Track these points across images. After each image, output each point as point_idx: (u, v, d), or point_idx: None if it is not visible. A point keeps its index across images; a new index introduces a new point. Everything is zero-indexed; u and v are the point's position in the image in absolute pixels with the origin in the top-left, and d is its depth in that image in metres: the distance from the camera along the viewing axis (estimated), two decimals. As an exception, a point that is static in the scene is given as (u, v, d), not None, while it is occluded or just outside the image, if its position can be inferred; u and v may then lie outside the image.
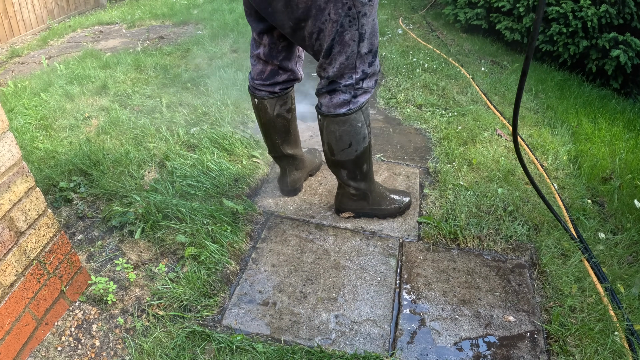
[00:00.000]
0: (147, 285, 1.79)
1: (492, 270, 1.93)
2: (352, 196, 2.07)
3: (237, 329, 1.64)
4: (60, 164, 2.42)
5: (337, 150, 1.85)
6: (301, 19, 1.54)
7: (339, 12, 1.49)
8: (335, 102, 1.71)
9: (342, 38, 1.55)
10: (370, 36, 1.61)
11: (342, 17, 1.50)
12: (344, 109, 1.72)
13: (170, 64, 3.96)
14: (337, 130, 1.77)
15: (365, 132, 1.82)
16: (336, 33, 1.53)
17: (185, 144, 2.68)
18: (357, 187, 2.01)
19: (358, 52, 1.60)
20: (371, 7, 1.54)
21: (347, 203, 2.12)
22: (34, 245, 1.46)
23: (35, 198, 1.45)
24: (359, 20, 1.53)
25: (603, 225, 2.22)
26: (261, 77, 1.88)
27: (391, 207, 2.14)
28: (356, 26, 1.53)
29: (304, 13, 1.51)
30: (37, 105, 3.17)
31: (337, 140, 1.81)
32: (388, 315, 1.71)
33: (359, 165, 1.92)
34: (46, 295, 1.55)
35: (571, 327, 1.63)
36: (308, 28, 1.57)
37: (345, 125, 1.75)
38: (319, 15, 1.51)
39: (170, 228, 2.02)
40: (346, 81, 1.66)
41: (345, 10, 1.49)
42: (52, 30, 5.79)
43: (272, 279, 1.86)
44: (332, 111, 1.73)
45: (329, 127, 1.78)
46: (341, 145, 1.82)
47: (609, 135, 3.07)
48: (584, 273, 1.89)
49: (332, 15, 1.49)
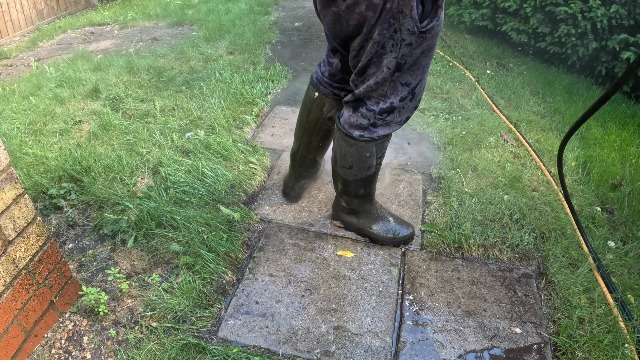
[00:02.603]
0: (140, 295, 1.81)
1: (497, 280, 1.95)
2: (343, 208, 2.09)
3: (234, 341, 1.65)
4: (50, 170, 2.44)
5: (339, 164, 1.86)
6: (350, 36, 1.51)
7: (383, 33, 1.44)
8: (352, 122, 1.69)
9: (380, 61, 1.50)
10: (411, 70, 1.54)
11: (386, 39, 1.45)
12: (357, 133, 1.69)
13: (164, 66, 3.99)
14: (343, 147, 1.76)
15: (373, 163, 1.79)
16: (375, 54, 1.49)
17: (180, 150, 2.70)
18: (348, 202, 2.02)
19: (392, 81, 1.55)
20: (421, 40, 1.47)
21: (339, 213, 2.15)
22: (23, 255, 1.48)
23: (24, 205, 1.47)
24: (400, 49, 1.47)
25: (613, 234, 2.24)
26: (332, 79, 1.87)
27: (383, 234, 2.06)
28: (395, 53, 1.47)
29: (355, 30, 1.48)
30: (26, 109, 3.19)
31: (342, 156, 1.81)
32: (390, 327, 1.72)
33: (354, 187, 1.93)
34: (35, 306, 1.56)
35: (580, 339, 1.64)
36: (355, 44, 1.53)
37: (352, 148, 1.73)
38: (368, 32, 1.47)
39: (164, 236, 2.03)
40: (371, 105, 1.63)
41: (391, 32, 1.43)
42: (41, 31, 5.83)
43: (269, 289, 1.87)
44: (345, 128, 1.71)
45: (338, 140, 1.78)
46: (344, 163, 1.83)
47: (618, 140, 3.09)
48: (593, 283, 1.90)
49: (375, 35, 1.45)
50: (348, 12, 1.42)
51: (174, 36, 5.20)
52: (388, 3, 1.36)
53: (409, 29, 1.42)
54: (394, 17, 1.39)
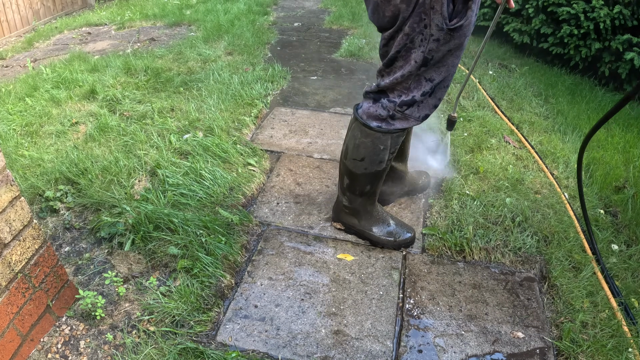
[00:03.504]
0: (138, 299, 1.81)
1: (499, 283, 1.95)
2: (344, 208, 2.09)
3: (232, 345, 1.66)
4: (47, 172, 2.45)
5: (349, 156, 1.86)
6: (386, 27, 1.56)
7: (413, 27, 1.48)
8: (372, 112, 1.71)
9: (408, 54, 1.54)
10: (436, 66, 1.57)
11: (415, 33, 1.49)
12: (374, 123, 1.71)
13: (161, 67, 4.00)
14: (358, 138, 1.78)
15: (385, 157, 1.81)
16: (403, 47, 1.53)
17: (178, 152, 2.71)
18: (351, 200, 2.02)
19: (417, 75, 1.58)
20: (449, 37, 1.50)
21: (340, 214, 2.15)
22: (19, 258, 1.48)
23: (20, 208, 1.47)
24: (428, 43, 1.50)
25: (616, 237, 2.24)
26: None
27: (384, 236, 2.07)
28: (423, 48, 1.51)
29: (390, 22, 1.52)
30: (22, 111, 3.20)
31: (354, 148, 1.82)
32: (390, 331, 1.73)
33: (361, 183, 1.93)
34: (31, 310, 1.57)
35: (583, 344, 1.65)
36: (386, 34, 1.58)
37: (367, 139, 1.75)
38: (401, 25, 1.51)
39: (162, 239, 2.04)
40: (393, 98, 1.66)
41: (421, 27, 1.47)
42: (37, 31, 5.84)
43: (268, 293, 1.87)
44: (363, 118, 1.73)
45: (354, 130, 1.80)
46: (355, 155, 1.83)
47: (622, 142, 3.10)
48: (596, 287, 1.90)
49: (406, 28, 1.49)
50: (384, 3, 1.48)
51: (171, 37, 5.21)
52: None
53: (438, 25, 1.46)
54: (426, 12, 1.44)
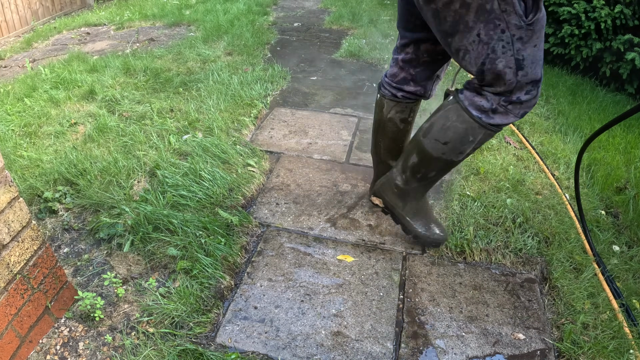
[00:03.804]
0: (137, 300, 1.81)
1: (500, 285, 1.95)
2: (394, 187, 1.98)
3: (232, 347, 1.66)
4: (45, 173, 2.45)
5: (432, 135, 1.76)
6: (448, 32, 1.51)
7: (490, 34, 1.43)
8: (475, 101, 1.63)
9: (495, 65, 1.48)
10: (532, 65, 1.51)
11: (494, 41, 1.44)
12: (476, 113, 1.63)
13: (161, 68, 4.00)
14: (451, 121, 1.69)
15: (467, 150, 1.74)
16: (486, 57, 1.47)
17: (177, 152, 2.71)
18: (407, 181, 1.93)
19: (517, 81, 1.51)
20: (531, 32, 1.45)
21: (386, 191, 2.03)
22: (18, 259, 1.48)
23: (19, 209, 1.47)
24: (513, 45, 1.45)
25: (617, 238, 2.24)
26: (392, 79, 1.96)
27: (420, 229, 2.02)
28: (511, 51, 1.45)
29: (452, 27, 1.48)
30: (21, 111, 3.20)
31: (442, 128, 1.72)
32: (391, 333, 1.73)
33: (430, 167, 1.84)
34: (30, 312, 1.57)
35: (584, 345, 1.65)
36: (454, 44, 1.52)
37: (461, 124, 1.67)
38: (467, 33, 1.46)
39: (161, 240, 2.04)
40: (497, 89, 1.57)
41: (498, 33, 1.42)
42: (36, 32, 5.84)
43: (268, 294, 1.87)
44: (465, 104, 1.64)
45: (448, 112, 1.70)
46: (439, 136, 1.74)
47: (623, 143, 3.10)
48: (597, 288, 1.91)
49: (482, 36, 1.44)
50: (444, 9, 1.45)
51: (171, 37, 5.22)
52: (488, 4, 1.38)
53: (517, 24, 1.42)
54: (498, 17, 1.40)
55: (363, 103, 3.55)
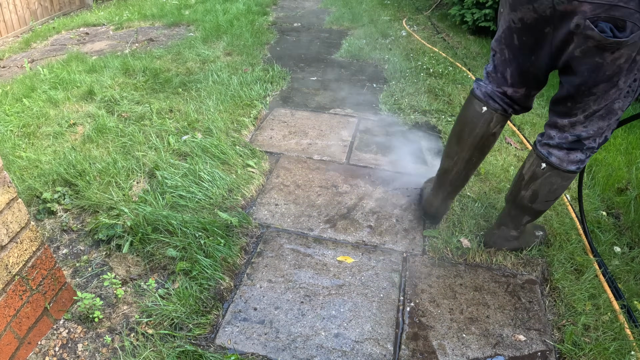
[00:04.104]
0: (136, 302, 1.81)
1: (501, 286, 1.95)
2: (510, 237, 2.08)
3: (231, 348, 1.66)
4: (44, 173, 2.45)
5: (541, 200, 1.89)
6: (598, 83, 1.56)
7: (628, 82, 1.54)
8: (572, 159, 1.76)
9: (612, 105, 1.60)
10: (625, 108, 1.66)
11: (626, 87, 1.55)
12: (574, 167, 1.78)
13: (160, 68, 4.00)
14: (558, 183, 1.82)
15: None
16: (612, 100, 1.58)
17: (176, 153, 2.71)
18: (522, 229, 2.06)
19: (616, 120, 1.66)
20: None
21: (502, 243, 2.10)
22: (16, 260, 1.48)
23: (17, 210, 1.48)
24: (635, 93, 1.59)
25: (619, 239, 2.25)
26: (505, 95, 1.88)
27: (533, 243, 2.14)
28: (630, 98, 1.59)
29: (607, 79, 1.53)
30: (19, 112, 3.20)
31: (549, 192, 1.86)
32: (391, 334, 1.73)
33: (542, 214, 1.99)
34: (29, 313, 1.57)
35: (585, 347, 1.65)
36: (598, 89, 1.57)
37: (566, 182, 1.82)
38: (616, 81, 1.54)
39: (161, 242, 2.04)
40: (590, 144, 1.72)
41: (630, 81, 1.54)
42: (35, 32, 5.84)
43: (268, 296, 1.87)
44: (564, 165, 1.78)
45: (550, 178, 1.82)
46: (550, 197, 1.88)
47: (624, 144, 3.10)
48: (598, 289, 1.91)
49: (621, 84, 1.54)
50: (611, 64, 1.49)
51: (170, 37, 5.22)
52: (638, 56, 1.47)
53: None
54: (639, 68, 1.51)
55: (363, 104, 3.56)
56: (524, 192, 1.90)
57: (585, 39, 1.45)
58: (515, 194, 1.93)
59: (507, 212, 2.02)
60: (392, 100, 3.56)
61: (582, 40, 1.46)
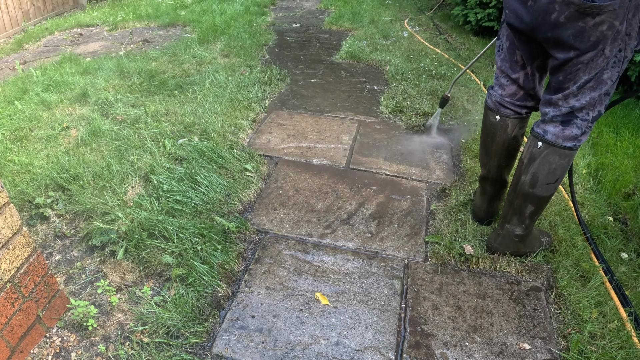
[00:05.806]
0: (131, 309, 1.82)
1: (505, 293, 1.96)
2: (515, 237, 2.09)
3: (228, 357, 1.66)
4: (37, 178, 2.46)
5: (542, 182, 1.92)
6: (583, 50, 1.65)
7: (613, 51, 1.63)
8: (567, 134, 1.82)
9: (601, 75, 1.69)
10: (617, 81, 1.74)
11: (612, 56, 1.64)
12: (571, 143, 1.83)
13: (155, 70, 4.02)
14: (555, 162, 1.87)
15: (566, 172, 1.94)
16: (600, 69, 1.67)
17: (172, 157, 2.72)
18: (526, 228, 2.07)
19: (607, 92, 1.73)
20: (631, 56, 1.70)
21: (507, 244, 2.12)
22: (8, 267, 1.49)
23: (9, 215, 1.48)
24: (622, 64, 1.68)
25: (626, 245, 2.25)
26: (513, 98, 2.01)
27: (537, 245, 2.16)
28: (618, 69, 1.68)
29: (592, 46, 1.63)
30: (11, 115, 3.21)
31: (549, 173, 1.89)
32: (392, 342, 1.73)
33: (544, 205, 2.01)
34: (21, 321, 1.57)
35: (591, 356, 1.66)
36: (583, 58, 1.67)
37: (564, 160, 1.86)
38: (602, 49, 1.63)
39: (156, 247, 2.05)
40: (584, 116, 1.79)
41: (616, 51, 1.63)
42: (27, 33, 5.87)
43: (266, 303, 1.88)
44: (560, 142, 1.83)
45: (548, 157, 1.87)
46: (550, 179, 1.91)
47: (632, 147, 3.12)
48: (605, 296, 1.92)
49: (607, 52, 1.63)
50: (592, 29, 1.59)
51: (166, 38, 5.24)
52: (621, 26, 1.59)
53: (632, 48, 1.66)
54: (622, 38, 1.62)
55: (364, 106, 3.57)
56: (524, 177, 1.94)
57: (566, 5, 1.57)
58: (516, 182, 1.98)
59: (510, 205, 2.04)
60: (393, 102, 3.57)
61: (564, 6, 1.58)
